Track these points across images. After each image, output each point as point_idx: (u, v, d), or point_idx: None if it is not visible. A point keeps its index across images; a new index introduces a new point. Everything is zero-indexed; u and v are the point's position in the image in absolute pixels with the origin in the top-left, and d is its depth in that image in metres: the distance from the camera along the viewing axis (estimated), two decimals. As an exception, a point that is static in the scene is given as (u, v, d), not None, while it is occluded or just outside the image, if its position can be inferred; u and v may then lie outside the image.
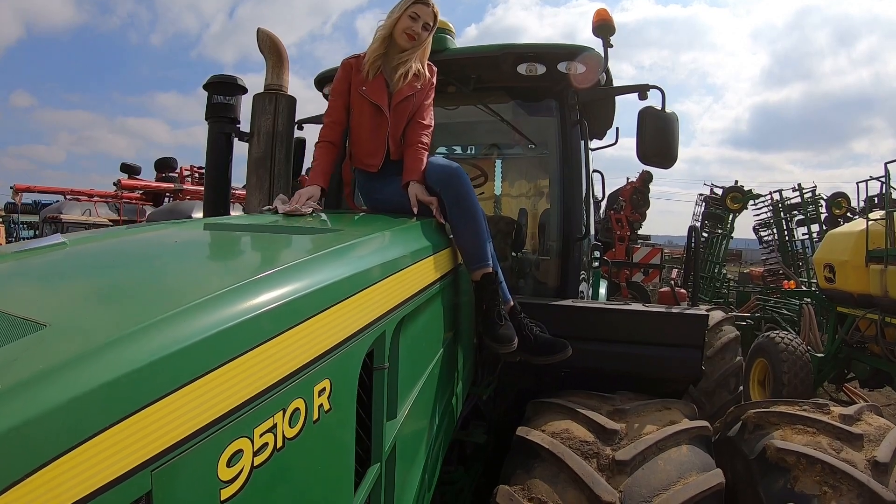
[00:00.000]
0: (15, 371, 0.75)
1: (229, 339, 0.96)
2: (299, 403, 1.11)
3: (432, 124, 3.14)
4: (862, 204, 12.78)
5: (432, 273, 2.11)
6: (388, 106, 2.99)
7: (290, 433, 1.08)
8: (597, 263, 4.74)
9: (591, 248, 4.28)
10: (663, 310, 3.27)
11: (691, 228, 3.81)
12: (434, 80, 3.19)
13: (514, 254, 4.01)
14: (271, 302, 1.06)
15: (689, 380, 3.48)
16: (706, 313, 3.25)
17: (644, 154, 3.44)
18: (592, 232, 4.27)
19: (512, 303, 2.89)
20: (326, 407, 1.20)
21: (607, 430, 2.59)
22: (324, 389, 1.19)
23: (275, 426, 1.04)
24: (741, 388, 5.85)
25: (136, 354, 0.81)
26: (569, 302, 3.33)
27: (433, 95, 3.18)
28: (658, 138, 3.39)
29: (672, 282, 5.10)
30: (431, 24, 3.00)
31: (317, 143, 3.14)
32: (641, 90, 3.57)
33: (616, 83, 3.89)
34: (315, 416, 1.16)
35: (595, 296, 5.14)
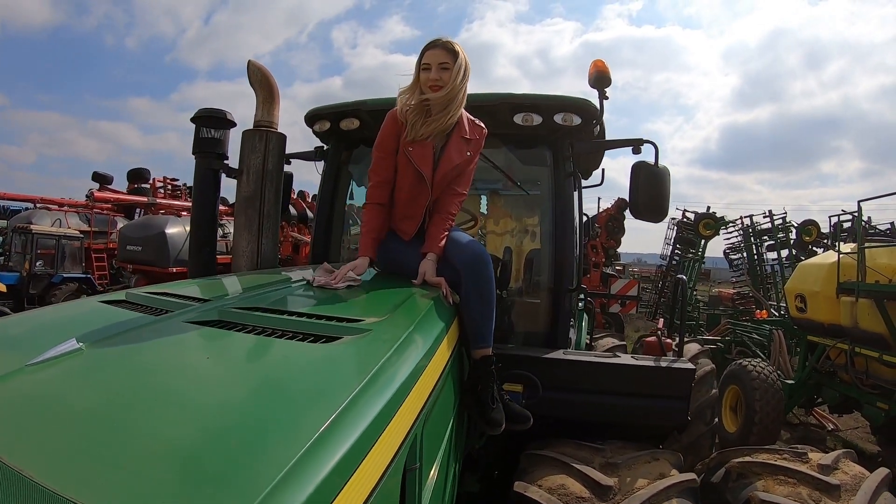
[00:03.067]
0: None
1: None
2: None
3: (467, 194, 3.07)
4: (832, 230, 13.10)
5: (446, 354, 2.10)
6: (431, 176, 2.86)
7: None
8: (581, 305, 4.79)
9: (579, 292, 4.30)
10: (651, 363, 3.31)
11: (677, 280, 3.86)
12: (483, 143, 3.05)
13: (498, 292, 4.04)
14: (335, 460, 1.02)
15: (675, 428, 3.55)
16: (693, 367, 3.31)
17: (636, 208, 3.49)
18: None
19: (490, 351, 2.74)
20: None
21: (602, 486, 2.65)
22: None
23: None
24: (717, 419, 5.96)
25: None
26: (560, 354, 3.37)
27: (476, 160, 3.05)
28: (650, 193, 3.45)
29: (659, 332, 5.18)
30: (450, 61, 2.76)
31: (365, 204, 2.94)
32: (635, 144, 3.61)
33: None
34: None
35: (579, 334, 5.18)
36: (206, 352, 1.58)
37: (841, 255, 7.86)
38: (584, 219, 5.11)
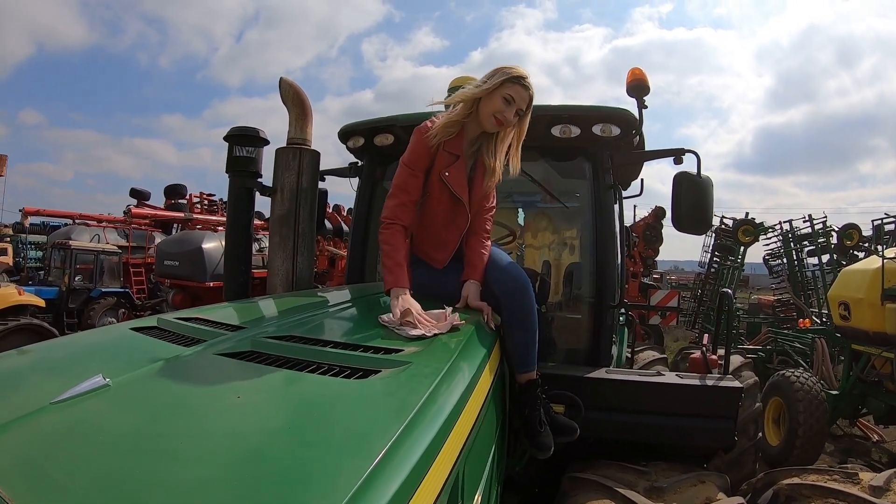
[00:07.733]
0: None
1: None
2: None
3: (496, 206, 2.96)
4: (874, 233, 12.75)
5: (489, 381, 2.02)
6: (469, 200, 2.73)
7: None
8: (623, 319, 4.70)
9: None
10: (697, 382, 3.19)
11: (723, 294, 3.76)
12: None
13: (538, 308, 3.97)
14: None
15: (721, 448, 3.44)
16: (740, 385, 3.20)
17: (679, 221, 3.39)
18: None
19: (535, 375, 2.68)
20: None
21: (648, 512, 2.57)
22: None
23: None
24: (760, 434, 5.80)
25: None
26: (602, 373, 3.27)
27: None
28: (693, 204, 3.34)
29: (703, 348, 5.04)
30: (525, 109, 2.64)
31: (387, 223, 2.65)
32: (676, 154, 3.50)
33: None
34: None
35: (620, 348, 5.07)
36: (238, 391, 1.48)
37: (885, 261, 7.62)
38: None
